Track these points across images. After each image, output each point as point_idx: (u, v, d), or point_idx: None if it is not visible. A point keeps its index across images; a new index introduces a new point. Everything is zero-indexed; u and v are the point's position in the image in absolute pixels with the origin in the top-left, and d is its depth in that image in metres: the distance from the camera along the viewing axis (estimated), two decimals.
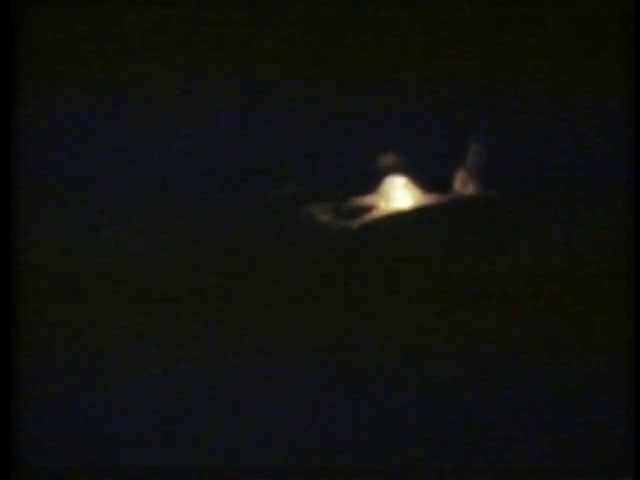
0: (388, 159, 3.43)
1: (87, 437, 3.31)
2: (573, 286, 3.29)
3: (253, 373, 3.32)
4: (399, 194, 3.45)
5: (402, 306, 3.32)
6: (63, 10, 3.38)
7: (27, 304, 3.32)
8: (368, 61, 3.39)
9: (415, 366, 3.28)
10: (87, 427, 3.31)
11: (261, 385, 3.32)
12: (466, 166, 3.38)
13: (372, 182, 3.44)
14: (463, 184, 3.38)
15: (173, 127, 3.42)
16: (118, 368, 3.33)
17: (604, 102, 3.31)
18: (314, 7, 3.37)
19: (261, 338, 3.33)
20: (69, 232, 3.38)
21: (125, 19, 3.39)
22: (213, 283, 3.36)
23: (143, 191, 3.40)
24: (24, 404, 3.30)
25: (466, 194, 3.38)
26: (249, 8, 3.38)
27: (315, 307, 3.33)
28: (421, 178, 3.43)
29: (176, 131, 3.41)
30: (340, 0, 3.36)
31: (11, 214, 3.32)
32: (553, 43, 3.35)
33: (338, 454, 3.26)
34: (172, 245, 3.38)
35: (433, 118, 3.37)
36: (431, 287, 3.32)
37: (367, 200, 3.43)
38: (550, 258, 3.30)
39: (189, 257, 3.37)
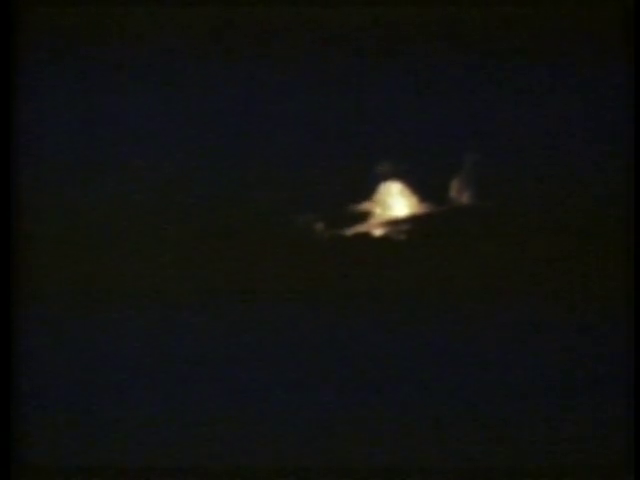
0: (384, 166, 3.44)
1: (87, 437, 3.32)
2: (573, 292, 3.35)
3: (252, 378, 3.35)
4: (395, 201, 3.47)
5: (398, 313, 3.36)
6: (63, 10, 3.37)
7: (27, 302, 3.31)
8: (365, 68, 3.39)
9: (412, 370, 3.33)
10: (87, 427, 3.32)
11: (262, 390, 3.35)
12: (463, 173, 3.39)
13: (368, 189, 3.45)
14: (459, 191, 3.40)
15: (172, 130, 3.41)
16: (119, 368, 3.34)
17: (604, 109, 3.35)
18: (309, 9, 3.38)
19: (254, 343, 3.36)
20: (68, 229, 3.37)
21: (126, 19, 3.39)
22: (207, 288, 3.37)
23: (139, 193, 3.40)
24: (24, 404, 3.29)
25: (463, 202, 3.40)
26: (249, 8, 3.40)
27: (310, 314, 3.35)
28: (417, 185, 3.45)
29: (175, 135, 3.41)
30: (337, 1, 3.39)
31: (11, 214, 3.32)
32: (553, 46, 3.37)
33: (337, 454, 3.31)
34: (165, 251, 3.38)
35: (430, 125, 3.39)
36: (427, 294, 3.36)
37: (363, 207, 3.44)
38: (549, 266, 3.36)
39: (181, 263, 3.38)
